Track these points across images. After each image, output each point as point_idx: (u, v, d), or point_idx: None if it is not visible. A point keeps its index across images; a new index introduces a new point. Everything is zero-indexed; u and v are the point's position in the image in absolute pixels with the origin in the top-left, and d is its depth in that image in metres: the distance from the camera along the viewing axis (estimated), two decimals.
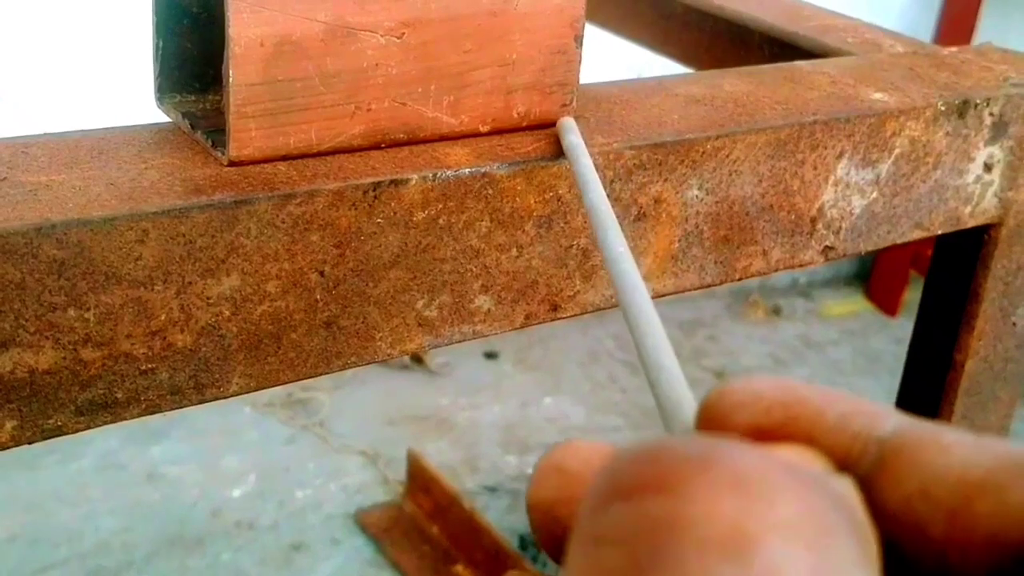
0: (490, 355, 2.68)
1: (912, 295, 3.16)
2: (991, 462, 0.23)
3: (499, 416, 2.43)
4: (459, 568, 1.91)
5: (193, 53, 0.54)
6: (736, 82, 0.68)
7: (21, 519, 2.00)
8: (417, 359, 2.57)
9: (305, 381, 2.42)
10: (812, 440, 0.25)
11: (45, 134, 0.50)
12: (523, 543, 2.00)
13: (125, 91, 1.32)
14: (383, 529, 2.02)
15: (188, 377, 0.48)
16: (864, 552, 0.21)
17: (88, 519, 2.01)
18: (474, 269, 0.54)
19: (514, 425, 2.39)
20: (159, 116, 0.54)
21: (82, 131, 0.51)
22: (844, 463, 0.24)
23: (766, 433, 0.25)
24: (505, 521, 2.06)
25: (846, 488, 0.23)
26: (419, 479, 2.06)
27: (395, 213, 0.50)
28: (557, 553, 0.29)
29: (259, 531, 2.03)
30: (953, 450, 0.23)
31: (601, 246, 0.41)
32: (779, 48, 0.87)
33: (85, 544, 1.96)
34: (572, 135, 0.53)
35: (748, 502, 0.20)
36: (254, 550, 1.98)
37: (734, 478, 0.20)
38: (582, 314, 0.59)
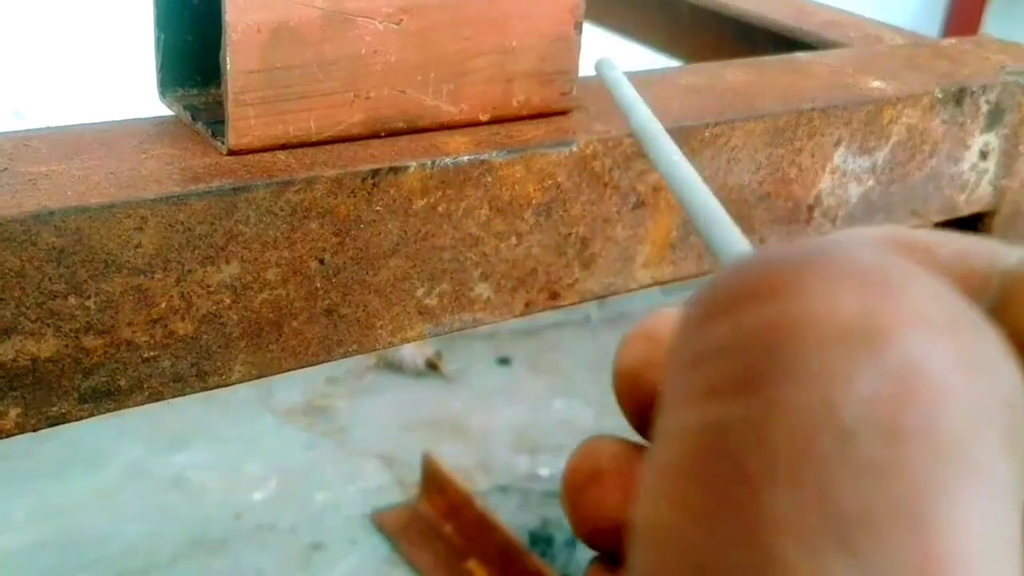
0: (503, 361, 2.68)
1: None
2: None
3: (511, 419, 2.43)
4: (471, 564, 1.92)
5: (194, 46, 0.54)
6: (736, 72, 0.68)
7: (50, 525, 2.01)
8: (432, 366, 2.57)
9: (324, 389, 2.44)
10: None
11: (47, 127, 0.51)
12: (533, 539, 2.00)
13: (128, 86, 1.33)
14: (399, 528, 2.03)
15: (190, 365, 0.48)
16: (1002, 343, 0.19)
17: (115, 524, 2.02)
18: (473, 257, 0.54)
19: (525, 427, 2.39)
20: (162, 110, 0.55)
21: (84, 124, 0.51)
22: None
23: None
24: (516, 518, 2.06)
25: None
26: (434, 480, 2.07)
27: (394, 201, 0.51)
28: (640, 421, 0.28)
29: (280, 533, 2.03)
30: None
31: (655, 159, 0.41)
32: (784, 45, 0.88)
33: (112, 548, 1.97)
34: (612, 71, 0.53)
35: (874, 294, 0.17)
36: (275, 551, 1.99)
37: (854, 272, 0.18)
38: (581, 302, 0.59)
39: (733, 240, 0.30)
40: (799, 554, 0.16)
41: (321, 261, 0.50)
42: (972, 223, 0.76)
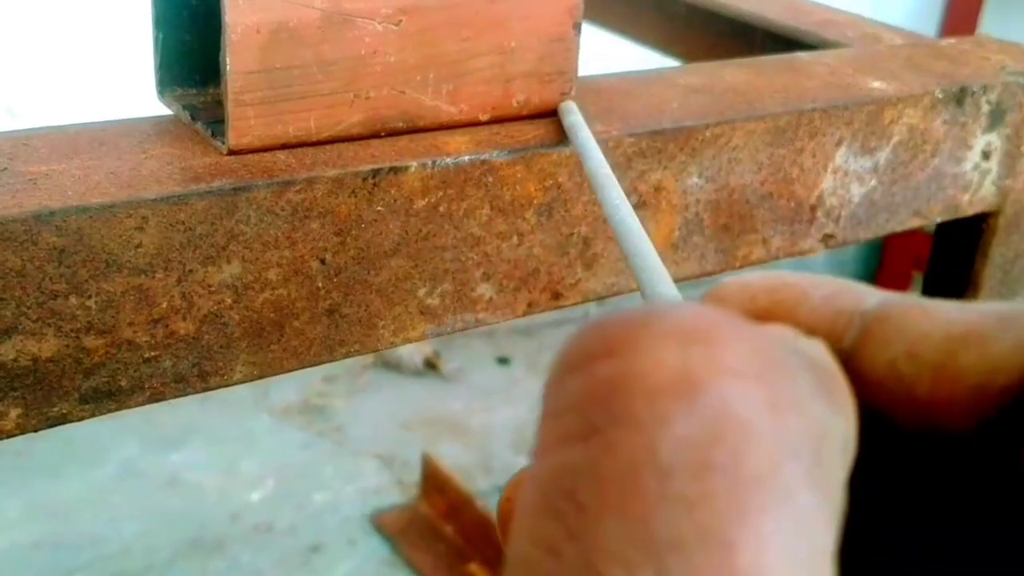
0: (502, 360, 2.68)
1: None
2: (975, 318, 0.23)
3: (511, 419, 2.43)
4: (473, 567, 1.92)
5: (193, 46, 0.54)
6: (735, 72, 0.68)
7: (45, 525, 2.01)
8: (431, 365, 2.57)
9: (321, 388, 2.44)
10: (796, 320, 0.25)
11: (46, 127, 0.51)
12: None
13: (126, 85, 1.33)
14: (399, 530, 2.03)
15: (192, 365, 0.48)
16: (825, 386, 0.21)
17: (110, 524, 2.02)
18: (475, 257, 0.54)
19: (526, 427, 2.39)
20: (161, 110, 0.54)
21: (83, 124, 0.51)
22: (829, 338, 0.24)
23: (754, 319, 0.25)
24: None
25: (812, 345, 0.23)
26: (433, 481, 2.07)
27: (395, 201, 0.51)
28: None
29: (277, 533, 2.03)
30: (937, 313, 0.24)
31: (602, 202, 0.44)
32: (781, 44, 0.88)
33: (108, 549, 1.97)
34: (572, 115, 0.54)
35: (693, 349, 0.20)
36: (273, 552, 1.99)
37: (677, 330, 0.20)
38: (584, 303, 0.59)
39: (663, 286, 0.33)
40: (623, 574, 0.18)
41: (322, 261, 0.50)
42: (977, 223, 0.76)
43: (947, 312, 0.24)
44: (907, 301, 0.25)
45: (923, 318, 0.24)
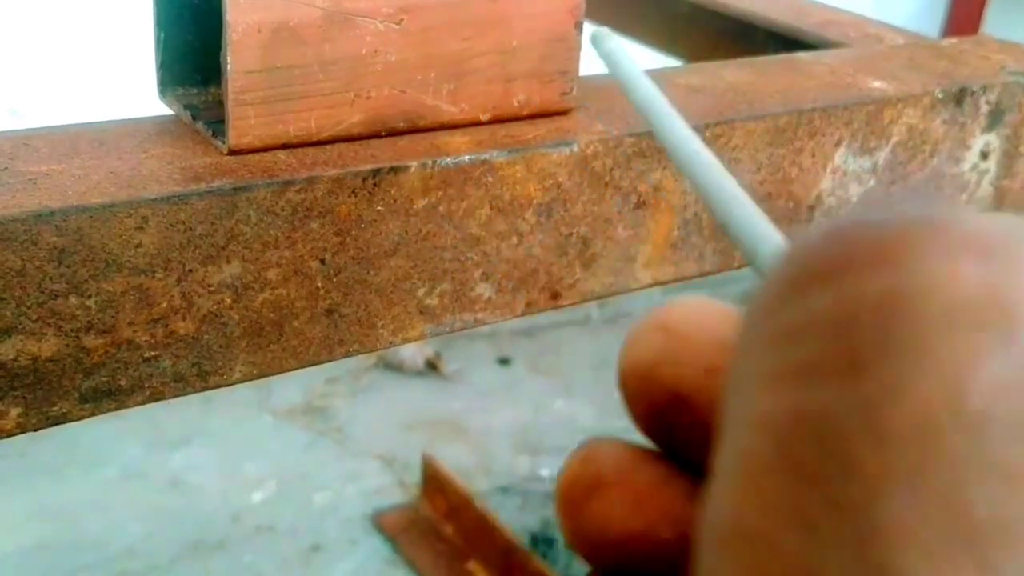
0: (503, 361, 2.68)
1: None
2: None
3: (512, 420, 2.43)
4: (473, 566, 1.92)
5: (195, 45, 0.54)
6: (736, 72, 0.68)
7: (48, 527, 2.01)
8: (432, 366, 2.57)
9: (323, 389, 2.44)
10: None
11: (47, 127, 0.51)
12: (535, 541, 2.00)
13: (128, 86, 1.33)
14: (399, 530, 2.03)
15: (191, 364, 0.48)
16: None
17: (113, 525, 2.02)
18: (474, 257, 0.54)
19: (526, 428, 2.39)
20: (162, 110, 0.54)
21: (84, 123, 0.51)
22: None
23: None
24: (517, 520, 2.06)
25: None
26: (434, 481, 2.07)
27: (395, 200, 0.51)
28: (654, 424, 0.25)
29: (279, 534, 2.03)
30: None
31: (662, 138, 0.36)
32: (783, 44, 0.88)
33: (111, 550, 1.96)
34: (609, 42, 0.48)
35: (999, 266, 0.15)
36: (274, 552, 1.99)
37: (974, 241, 0.15)
38: (582, 303, 0.59)
39: (760, 229, 0.27)
40: (924, 567, 0.14)
41: (322, 261, 0.50)
42: None
43: None
44: None
45: None
